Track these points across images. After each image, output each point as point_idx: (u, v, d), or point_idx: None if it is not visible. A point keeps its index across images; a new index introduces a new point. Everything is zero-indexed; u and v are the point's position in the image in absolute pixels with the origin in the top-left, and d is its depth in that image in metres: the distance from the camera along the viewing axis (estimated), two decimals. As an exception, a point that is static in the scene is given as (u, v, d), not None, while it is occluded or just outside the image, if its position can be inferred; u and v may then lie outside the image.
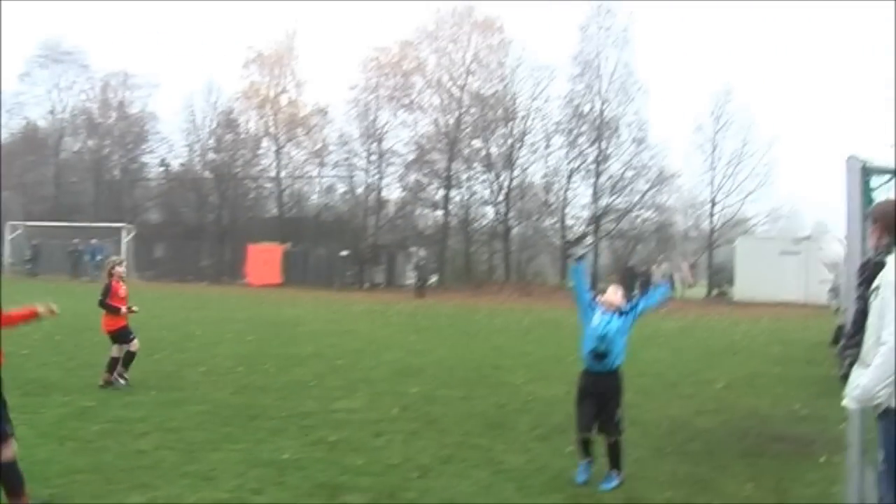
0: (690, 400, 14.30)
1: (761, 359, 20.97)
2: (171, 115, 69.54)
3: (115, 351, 14.23)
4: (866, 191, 7.37)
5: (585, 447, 8.89)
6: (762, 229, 60.25)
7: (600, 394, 8.81)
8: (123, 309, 14.49)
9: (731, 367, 19.13)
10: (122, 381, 14.02)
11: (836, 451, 9.45)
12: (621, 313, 9.06)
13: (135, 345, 14.34)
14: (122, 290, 14.73)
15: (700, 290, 61.28)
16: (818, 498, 8.45)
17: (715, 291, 59.56)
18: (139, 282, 48.42)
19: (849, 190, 7.33)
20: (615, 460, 8.81)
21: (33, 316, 7.60)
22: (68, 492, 7.77)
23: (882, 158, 7.75)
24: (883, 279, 5.73)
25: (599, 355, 8.81)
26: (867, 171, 7.37)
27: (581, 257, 9.10)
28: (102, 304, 14.48)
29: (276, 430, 10.86)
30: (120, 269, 14.99)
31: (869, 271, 5.93)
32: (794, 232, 59.20)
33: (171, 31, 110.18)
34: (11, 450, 6.79)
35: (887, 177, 7.42)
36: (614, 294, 9.23)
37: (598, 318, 8.97)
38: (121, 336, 14.35)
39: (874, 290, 5.77)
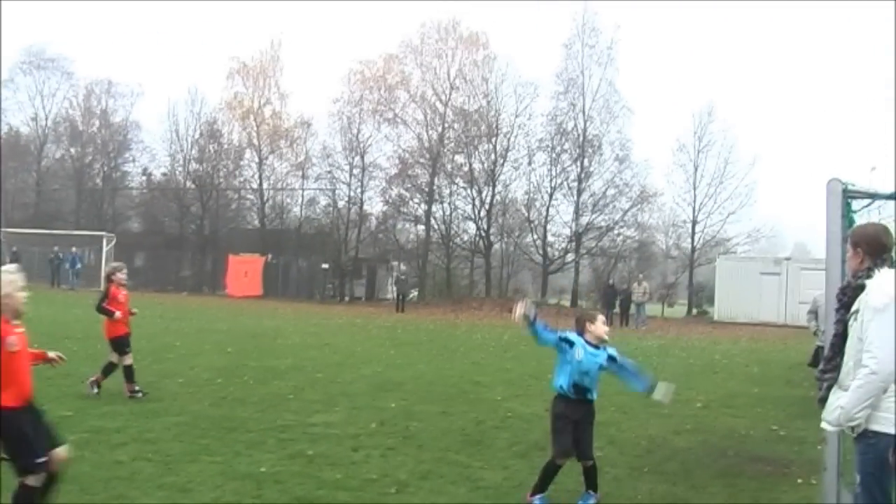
0: (669, 419, 14.30)
1: (740, 378, 21.02)
2: (154, 125, 69.91)
3: (126, 360, 14.14)
4: (847, 214, 7.40)
5: (553, 476, 8.74)
6: (742, 249, 60.46)
7: (577, 420, 8.73)
8: (118, 313, 14.41)
9: (710, 386, 19.15)
10: (95, 390, 13.94)
11: (814, 473, 9.47)
12: (608, 355, 8.85)
13: (128, 359, 14.26)
14: (122, 295, 14.66)
15: (680, 309, 61.47)
16: (795, 519, 8.46)
17: (695, 311, 59.70)
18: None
19: (829, 213, 7.36)
20: (592, 481, 8.77)
21: (41, 358, 7.70)
22: (43, 503, 7.72)
23: (863, 182, 7.79)
24: (862, 303, 5.75)
25: (582, 389, 8.73)
26: (848, 195, 7.40)
27: (532, 322, 8.64)
28: (99, 308, 14.42)
29: (254, 442, 10.83)
30: (120, 276, 14.93)
31: (849, 295, 5.96)
32: (775, 253, 59.58)
33: (155, 40, 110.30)
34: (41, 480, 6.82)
35: (868, 200, 7.46)
36: (603, 327, 8.97)
37: (581, 353, 8.66)
38: (119, 345, 14.28)
39: (853, 313, 5.80)
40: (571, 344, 8.71)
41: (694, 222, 61.00)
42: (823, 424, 6.23)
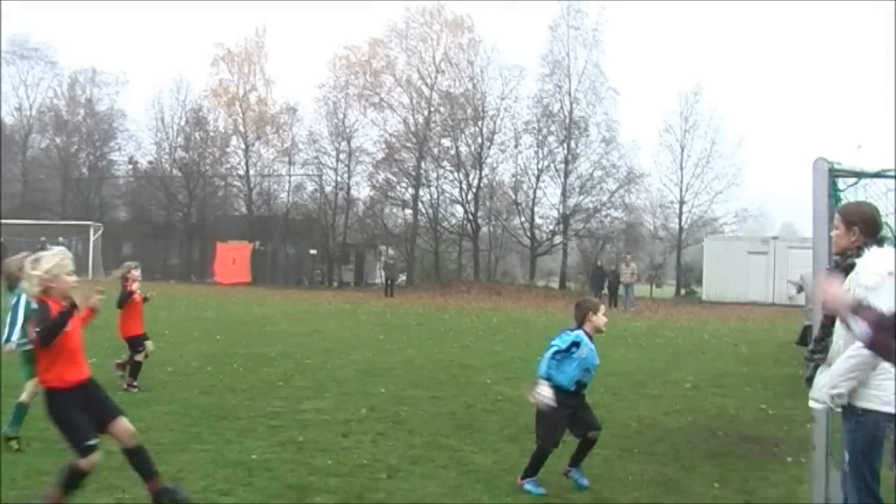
0: (658, 400, 14.33)
1: (729, 358, 21.07)
2: (139, 113, 69.68)
3: (138, 357, 14.08)
4: (833, 193, 7.40)
5: (544, 462, 8.73)
6: (730, 229, 60.65)
7: (576, 406, 8.72)
8: (137, 294, 14.35)
9: (699, 366, 19.20)
10: (135, 389, 13.83)
11: (803, 451, 9.49)
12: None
13: (139, 357, 14.16)
14: (137, 294, 14.55)
15: (668, 290, 61.60)
16: (784, 498, 8.49)
17: (683, 291, 59.84)
18: (107, 280, 48.16)
19: (816, 192, 7.36)
20: (584, 457, 8.78)
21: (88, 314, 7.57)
22: (35, 493, 7.70)
23: (849, 161, 7.78)
24: (853, 282, 5.76)
25: (583, 384, 8.73)
26: (834, 174, 7.40)
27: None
28: (121, 304, 14.32)
29: (245, 430, 10.81)
30: (135, 273, 14.83)
31: (839, 275, 5.95)
32: (762, 232, 59.70)
33: (139, 28, 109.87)
34: (93, 462, 6.84)
35: (854, 179, 7.46)
36: (604, 318, 8.86)
37: (585, 351, 8.58)
38: (134, 344, 14.20)
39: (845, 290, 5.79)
40: (577, 345, 8.60)
41: (681, 203, 61.18)
42: (811, 403, 6.26)
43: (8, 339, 9.53)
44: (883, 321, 4.57)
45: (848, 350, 5.70)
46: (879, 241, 5.99)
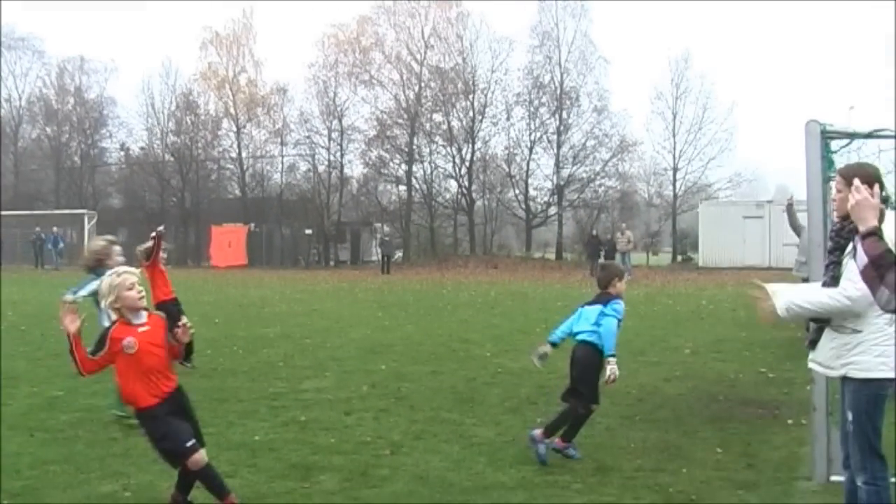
0: (658, 367, 14.36)
1: (727, 323, 21.11)
2: (129, 99, 69.48)
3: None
4: (826, 155, 7.41)
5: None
6: (724, 194, 60.71)
7: None
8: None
9: (697, 332, 19.24)
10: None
11: (803, 414, 9.54)
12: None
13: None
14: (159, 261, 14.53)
15: (665, 257, 61.68)
16: (786, 460, 8.52)
17: (679, 258, 59.91)
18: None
19: (808, 154, 7.37)
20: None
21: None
22: (40, 483, 7.73)
23: (841, 122, 7.78)
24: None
25: None
26: (827, 135, 7.40)
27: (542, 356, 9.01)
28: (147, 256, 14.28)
29: (247, 412, 10.84)
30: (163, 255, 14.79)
31: (844, 237, 5.92)
32: (757, 196, 59.62)
33: (126, 14, 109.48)
34: (200, 460, 6.70)
35: (847, 140, 7.45)
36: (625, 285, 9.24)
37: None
38: (166, 309, 14.11)
39: (849, 253, 5.78)
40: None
41: (675, 170, 61.20)
42: (812, 365, 6.27)
43: (74, 293, 9.50)
44: (882, 259, 4.60)
45: (833, 293, 5.75)
46: (882, 202, 5.99)
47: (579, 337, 8.92)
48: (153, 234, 14.71)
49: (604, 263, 9.60)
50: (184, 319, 6.79)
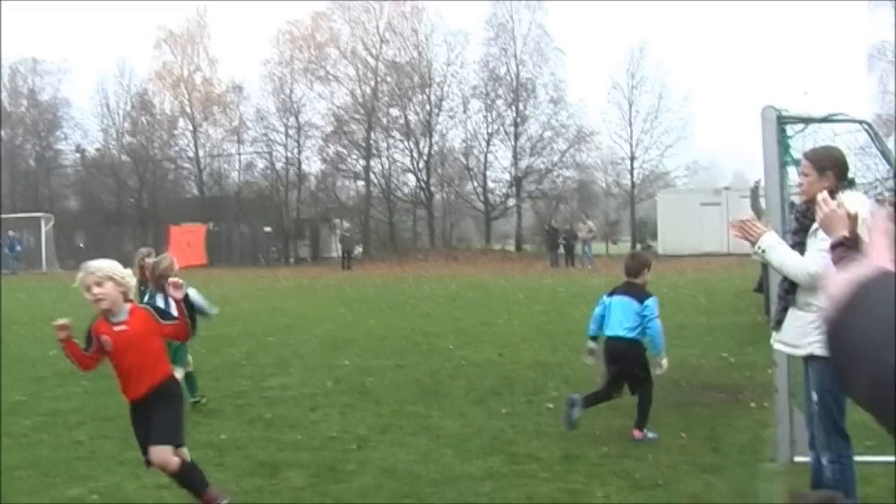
0: (621, 355, 14.43)
1: (688, 310, 21.24)
2: (84, 101, 68.45)
3: None
4: (783, 140, 7.48)
5: None
6: (682, 182, 61.05)
7: None
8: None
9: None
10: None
11: (766, 397, 9.64)
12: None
13: None
14: None
15: (624, 246, 61.89)
16: (751, 443, 8.61)
17: (639, 246, 60.14)
18: (62, 272, 47.90)
19: (765, 140, 7.43)
20: None
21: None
22: (5, 489, 7.67)
23: (796, 107, 7.85)
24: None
25: None
26: (782, 121, 7.47)
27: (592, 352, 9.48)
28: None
29: (212, 411, 10.82)
30: (150, 261, 14.77)
31: (809, 218, 5.97)
32: (714, 183, 60.01)
33: (79, 14, 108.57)
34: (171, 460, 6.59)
35: (802, 126, 7.53)
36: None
37: None
38: None
39: (814, 231, 5.82)
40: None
41: (632, 158, 61.40)
42: (777, 346, 6.35)
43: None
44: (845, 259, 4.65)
45: (799, 260, 5.84)
46: (849, 184, 6.07)
47: (620, 334, 9.20)
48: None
49: (634, 252, 9.96)
50: (174, 278, 6.78)
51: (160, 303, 9.78)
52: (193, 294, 10.09)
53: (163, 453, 6.54)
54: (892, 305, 1.17)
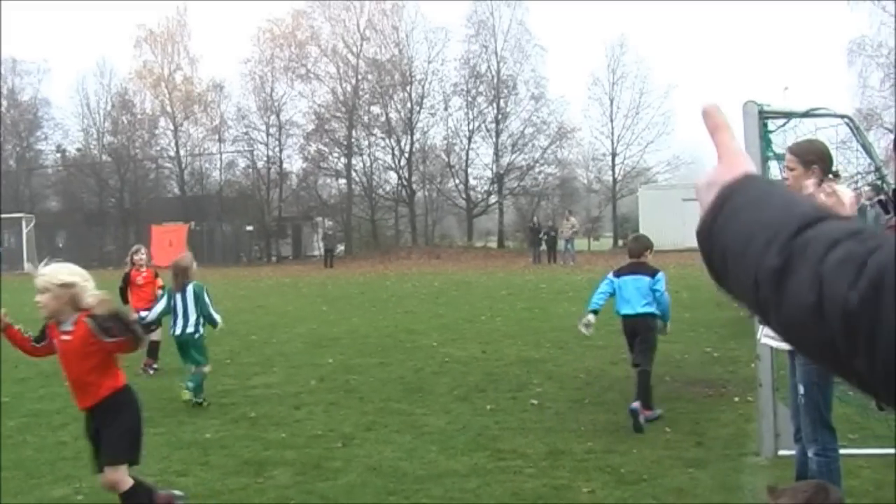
0: (604, 350, 14.44)
1: (671, 305, 21.24)
2: (64, 101, 68.36)
3: (154, 335, 13.94)
4: (764, 135, 7.50)
5: None
6: (664, 178, 61.20)
7: None
8: (142, 276, 14.87)
9: (641, 315, 19.37)
10: (151, 371, 13.94)
11: (749, 390, 9.68)
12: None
13: (156, 334, 14.06)
14: (141, 277, 14.78)
15: (606, 242, 62.05)
16: (735, 437, 8.64)
17: (621, 242, 60.22)
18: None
19: (747, 134, 7.45)
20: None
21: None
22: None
23: (777, 102, 7.88)
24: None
25: None
26: (764, 115, 7.50)
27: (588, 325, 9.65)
28: (121, 291, 14.43)
29: (196, 410, 10.79)
30: (137, 258, 14.98)
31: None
32: (696, 178, 59.85)
33: (58, 13, 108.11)
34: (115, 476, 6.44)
35: (784, 120, 7.55)
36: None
37: None
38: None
39: None
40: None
41: (613, 155, 61.57)
42: (765, 340, 6.38)
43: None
44: None
45: None
46: (835, 177, 6.12)
47: (640, 311, 9.57)
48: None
49: (637, 235, 10.01)
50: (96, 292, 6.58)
51: (178, 304, 11.61)
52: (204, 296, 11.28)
53: (113, 475, 6.37)
54: (755, 205, 1.22)
